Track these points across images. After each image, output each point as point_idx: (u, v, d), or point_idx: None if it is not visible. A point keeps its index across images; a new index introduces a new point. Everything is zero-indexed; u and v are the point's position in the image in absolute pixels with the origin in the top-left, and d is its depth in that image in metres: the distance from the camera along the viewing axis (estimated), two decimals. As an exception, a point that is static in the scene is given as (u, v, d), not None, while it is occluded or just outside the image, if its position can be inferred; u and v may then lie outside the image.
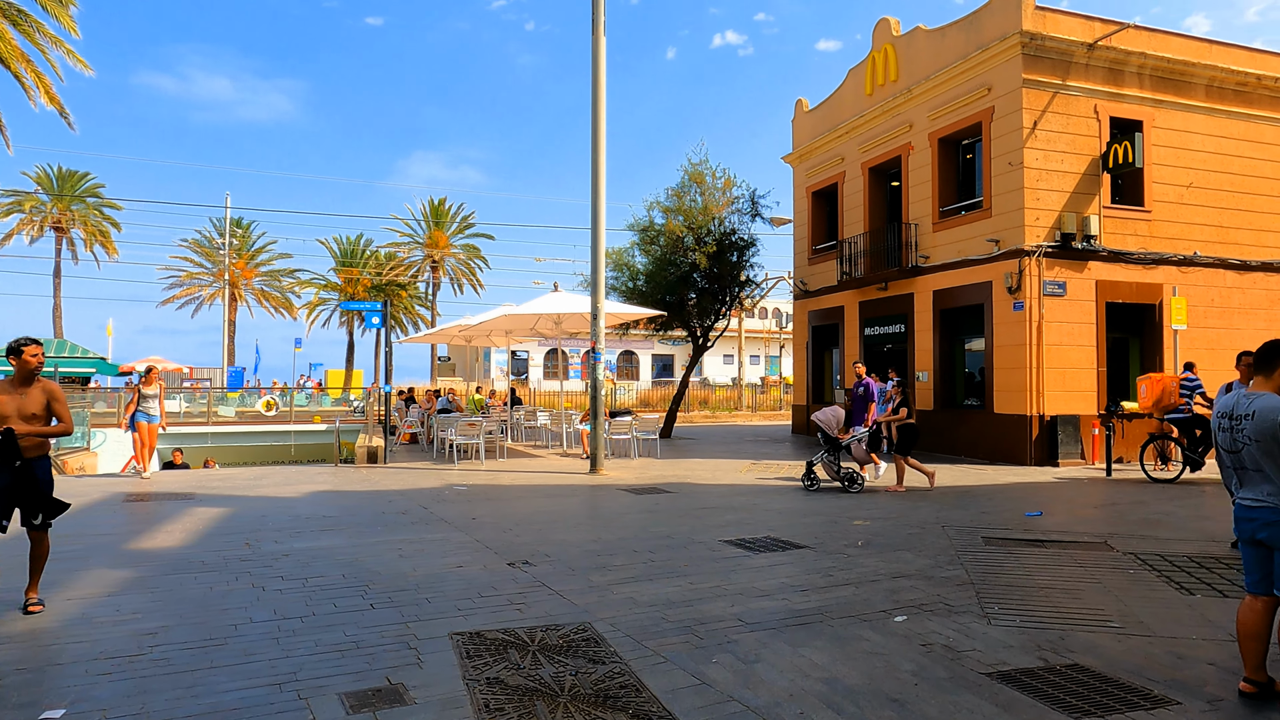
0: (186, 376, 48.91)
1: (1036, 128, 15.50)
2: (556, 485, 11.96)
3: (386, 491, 11.09)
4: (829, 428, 11.70)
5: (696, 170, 20.78)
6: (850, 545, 7.73)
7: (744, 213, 20.97)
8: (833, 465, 11.70)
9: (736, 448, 18.84)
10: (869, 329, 20.02)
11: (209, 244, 52.15)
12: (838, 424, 11.74)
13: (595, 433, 13.26)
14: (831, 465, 11.70)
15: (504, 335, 19.03)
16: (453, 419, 15.25)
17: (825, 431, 11.75)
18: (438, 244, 52.06)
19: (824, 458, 11.73)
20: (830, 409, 11.85)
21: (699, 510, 9.75)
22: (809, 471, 11.69)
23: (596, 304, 13.32)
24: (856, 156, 20.39)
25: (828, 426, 11.71)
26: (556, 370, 53.83)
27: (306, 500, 10.23)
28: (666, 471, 13.72)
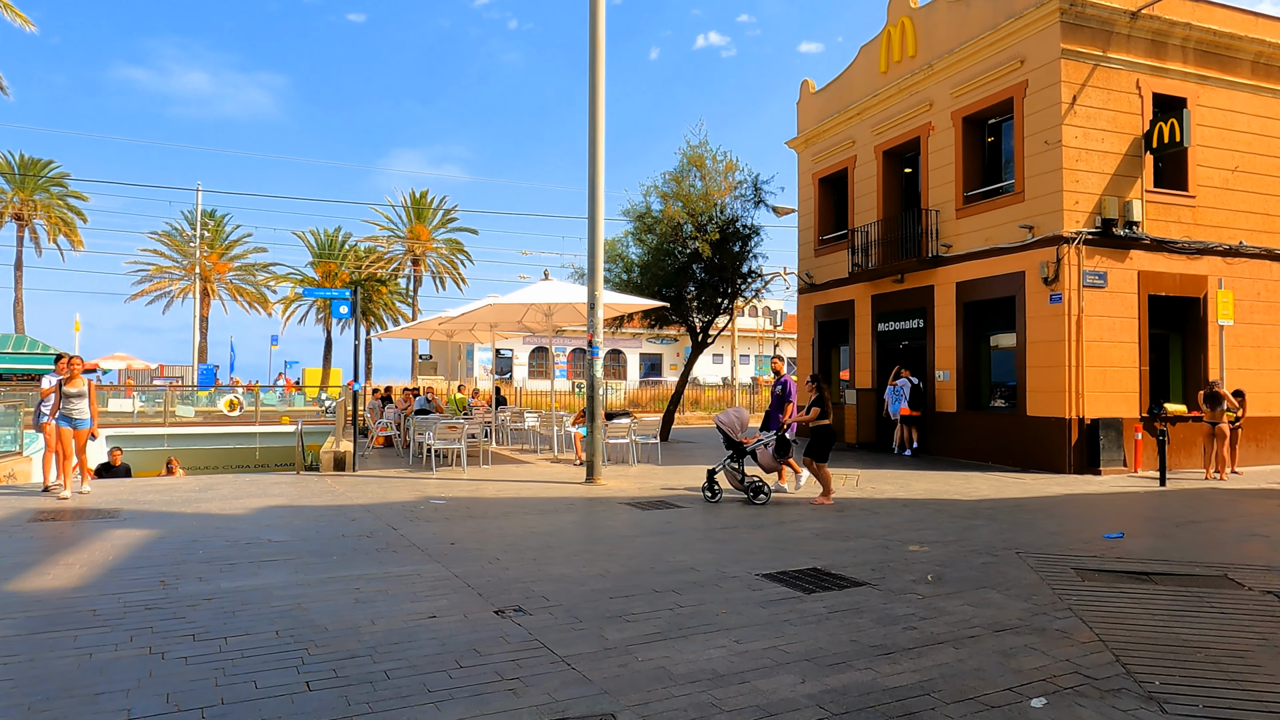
0: (157, 374, 46.96)
1: (1076, 103, 14.13)
2: (549, 498, 10.42)
3: (351, 506, 9.50)
4: (731, 431, 10.37)
5: (695, 153, 19.28)
6: (917, 580, 6.25)
7: (747, 199, 19.50)
8: (736, 473, 10.35)
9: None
10: (882, 325, 18.61)
11: (180, 236, 50.11)
12: (742, 426, 10.43)
13: (593, 437, 11.73)
14: (735, 473, 10.36)
15: (489, 330, 17.46)
16: (431, 421, 13.67)
17: (728, 435, 10.36)
18: (419, 238, 50.29)
19: (726, 464, 10.36)
20: (734, 410, 10.55)
21: (719, 531, 8.24)
22: (710, 481, 10.32)
23: (595, 292, 11.79)
24: (869, 139, 18.97)
25: (730, 429, 10.38)
26: (543, 369, 52.21)
27: (253, 519, 8.63)
28: (671, 480, 12.22)
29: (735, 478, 10.38)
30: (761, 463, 10.66)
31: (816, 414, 10.26)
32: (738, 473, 10.36)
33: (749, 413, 10.84)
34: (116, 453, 13.71)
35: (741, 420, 10.45)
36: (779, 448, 10.69)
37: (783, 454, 10.78)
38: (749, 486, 10.18)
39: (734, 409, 10.53)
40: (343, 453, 12.66)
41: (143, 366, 42.32)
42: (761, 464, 10.68)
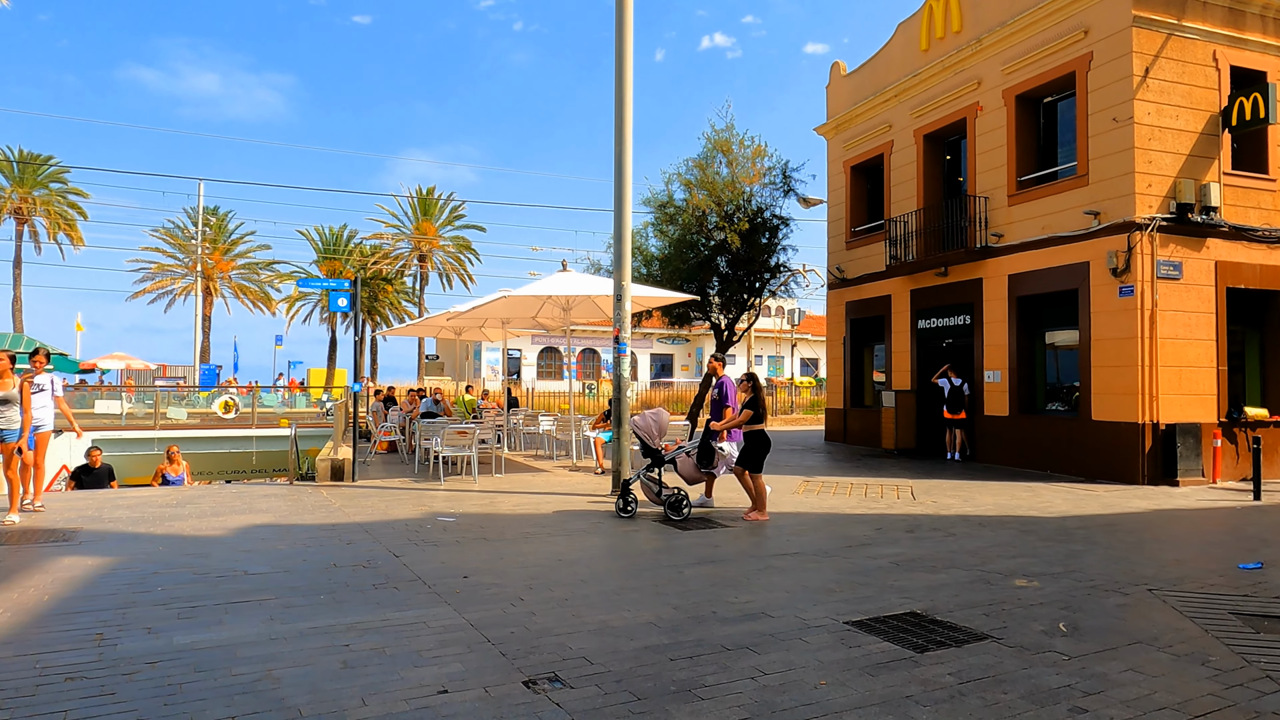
0: (159, 375, 45.89)
1: (1149, 76, 12.81)
2: (572, 514, 9.16)
3: (347, 526, 8.26)
4: (648, 436, 9.12)
5: (721, 137, 18.05)
6: (1049, 631, 4.98)
7: (776, 187, 18.25)
8: (652, 485, 9.09)
9: (771, 458, 15.95)
10: (923, 321, 17.30)
11: (181, 234, 49.03)
12: (660, 431, 9.18)
13: (619, 444, 10.47)
14: (651, 485, 9.10)
15: (500, 327, 16.23)
16: (439, 425, 12.43)
17: (644, 442, 9.15)
18: (426, 235, 49.11)
19: (642, 475, 9.13)
20: (653, 412, 9.25)
21: (778, 558, 6.97)
22: (624, 492, 9.05)
23: (622, 282, 10.53)
24: (908, 122, 17.67)
25: (646, 435, 9.13)
26: (552, 370, 51.03)
27: (232, 542, 7.39)
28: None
29: (651, 490, 9.08)
30: (682, 473, 9.35)
31: (749, 416, 8.99)
32: (654, 484, 9.07)
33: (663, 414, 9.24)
34: (96, 453, 12.48)
35: (660, 424, 9.14)
36: (702, 456, 9.25)
37: (707, 463, 9.30)
38: (667, 500, 8.84)
39: (652, 411, 9.26)
40: (341, 460, 11.43)
41: (142, 366, 41.20)
42: (682, 474, 9.37)
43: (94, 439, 18.19)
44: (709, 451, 9.31)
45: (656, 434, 9.16)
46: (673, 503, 8.85)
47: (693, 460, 9.36)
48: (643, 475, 9.15)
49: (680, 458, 9.37)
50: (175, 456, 12.92)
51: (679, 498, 8.88)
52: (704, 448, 9.30)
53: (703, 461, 9.30)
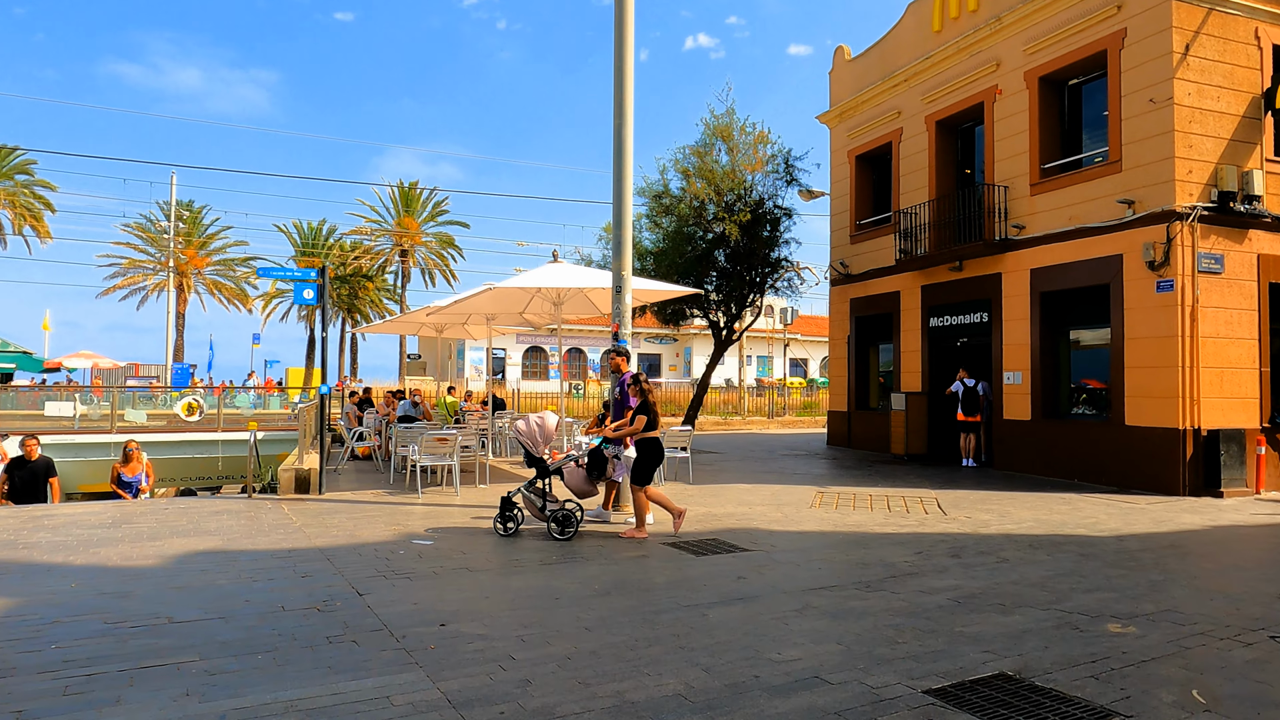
0: (130, 374, 44.29)
1: (1189, 54, 11.86)
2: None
3: (306, 552, 7.09)
4: (531, 443, 8.06)
5: (721, 123, 16.96)
6: (1183, 704, 3.92)
7: (778, 177, 17.19)
8: (535, 499, 8.04)
9: (774, 465, 15.02)
10: (936, 319, 16.30)
11: (154, 228, 47.37)
12: (545, 438, 8.10)
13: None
14: (533, 499, 8.04)
15: (484, 323, 15.05)
16: (417, 432, 11.27)
17: (527, 450, 8.12)
18: (408, 231, 47.74)
19: (523, 488, 8.08)
20: (537, 415, 8.23)
21: (816, 593, 5.88)
22: (506, 506, 8.02)
23: (622, 271, 9.42)
24: (919, 108, 16.67)
25: (529, 442, 8.06)
26: (537, 369, 49.82)
27: (164, 575, 6.21)
28: (716, 508, 9.85)
29: (534, 504, 8.01)
30: (569, 484, 8.25)
31: (643, 424, 7.95)
32: (538, 497, 8.01)
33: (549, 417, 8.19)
34: (31, 443, 10.99)
35: (545, 430, 8.07)
36: (593, 465, 8.15)
37: (598, 473, 8.21)
38: (552, 516, 7.85)
39: (537, 415, 8.22)
40: (306, 471, 10.23)
41: (110, 366, 39.62)
42: (569, 486, 8.27)
43: (44, 444, 16.84)
44: (601, 460, 8.17)
45: (540, 440, 8.06)
46: (558, 519, 7.82)
47: (582, 470, 8.17)
48: (524, 488, 8.03)
49: (568, 467, 8.21)
50: (134, 455, 11.46)
51: (565, 514, 7.85)
52: (595, 455, 8.15)
53: (593, 471, 8.12)
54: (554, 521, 7.84)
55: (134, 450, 11.56)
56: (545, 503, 8.03)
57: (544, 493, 8.05)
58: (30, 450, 11.05)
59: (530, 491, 8.03)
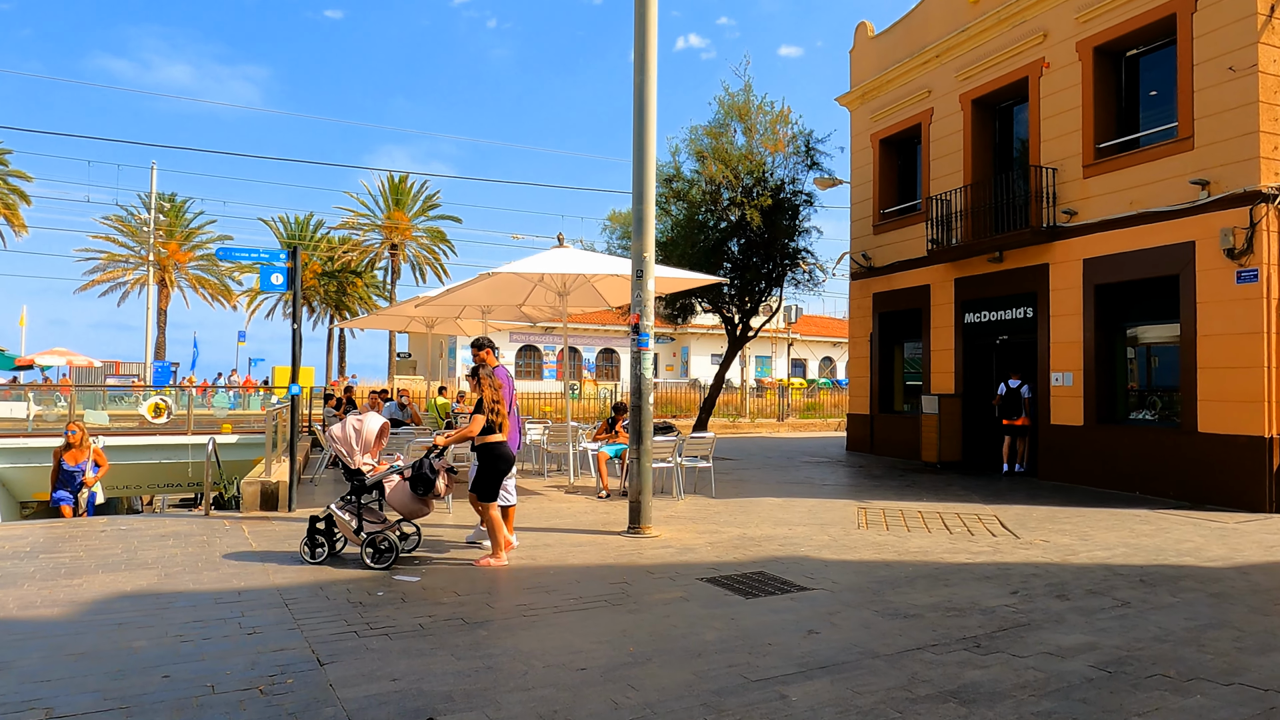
0: (111, 372, 42.64)
1: (1274, 15, 10.57)
2: (583, 568, 6.66)
3: (259, 594, 5.68)
4: (347, 452, 6.76)
5: (738, 101, 15.60)
6: None
7: (800, 160, 15.84)
8: (351, 518, 6.62)
9: (798, 474, 13.67)
10: (971, 315, 14.98)
11: (133, 220, 45.67)
12: (364, 447, 6.79)
13: (639, 465, 7.97)
14: (348, 519, 6.62)
15: (479, 317, 13.66)
16: (403, 437, 9.87)
17: (342, 462, 6.86)
18: (398, 226, 46.21)
19: (334, 506, 6.71)
20: (354, 418, 6.92)
21: (918, 657, 4.52)
22: (313, 529, 6.73)
23: (643, 253, 8.04)
24: (953, 86, 15.35)
25: (346, 449, 6.76)
26: (531, 369, 48.38)
27: (64, 634, 4.79)
28: (750, 528, 8.48)
29: (349, 525, 6.61)
30: (392, 502, 6.81)
31: (480, 425, 6.62)
32: (352, 517, 6.62)
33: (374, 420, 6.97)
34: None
35: (363, 435, 6.76)
36: (416, 480, 6.74)
37: (424, 489, 6.75)
38: (367, 540, 6.51)
39: (355, 418, 6.92)
40: (274, 484, 8.80)
41: (86, 363, 37.95)
42: (393, 505, 6.82)
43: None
44: (424, 477, 6.69)
45: (357, 448, 6.71)
46: (374, 544, 6.48)
47: (407, 485, 6.75)
48: (334, 506, 6.68)
49: (390, 482, 6.76)
50: (79, 440, 9.61)
51: (382, 538, 6.50)
52: (418, 468, 6.72)
53: (418, 487, 6.70)
54: (369, 547, 6.46)
55: (79, 433, 9.69)
56: (362, 523, 6.57)
57: (359, 511, 6.61)
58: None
59: (344, 509, 6.61)
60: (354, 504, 6.61)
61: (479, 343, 7.40)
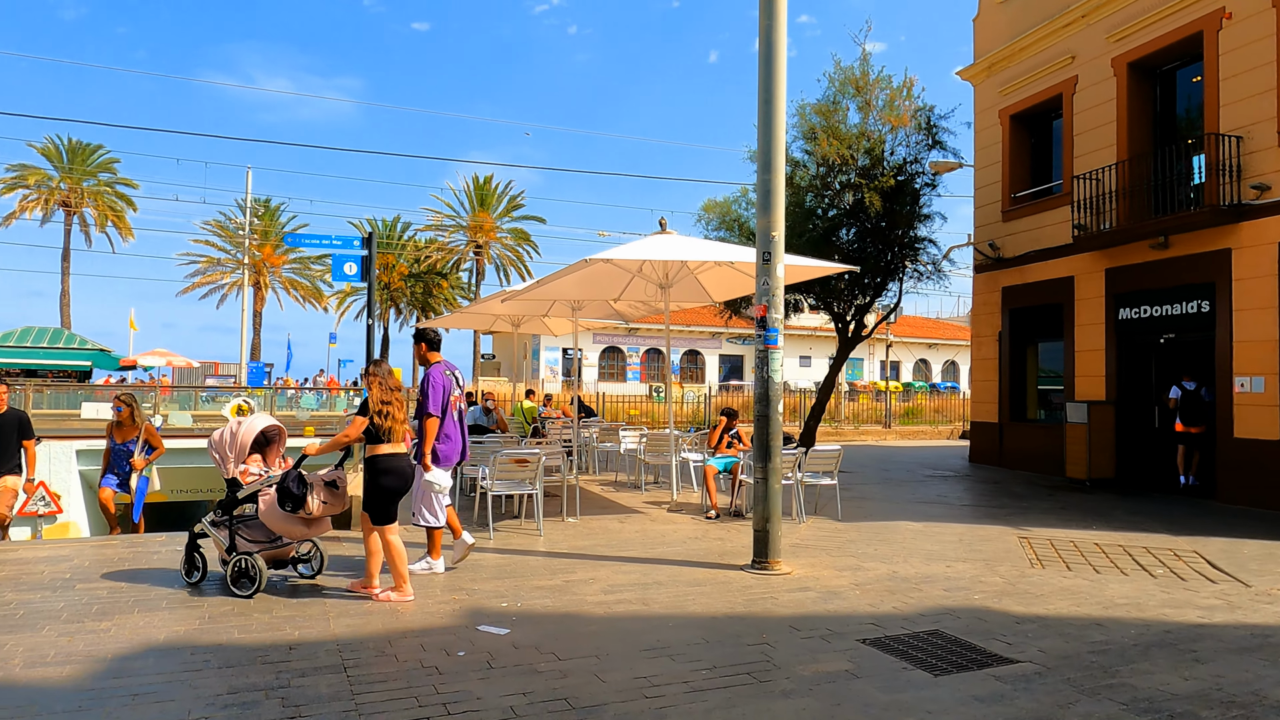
0: (210, 373, 43.80)
1: None
2: (708, 621, 5.37)
3: (311, 649, 4.58)
4: (220, 458, 5.85)
5: (852, 74, 14.04)
6: None
7: (922, 138, 14.17)
8: (222, 537, 5.76)
9: (926, 491, 12.04)
10: (1127, 310, 13.03)
11: (231, 225, 46.86)
12: (237, 450, 5.81)
13: (767, 488, 6.62)
14: (222, 534, 5.76)
15: (569, 315, 12.54)
16: (489, 448, 8.79)
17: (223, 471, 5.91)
18: (482, 227, 46.01)
19: (210, 520, 5.84)
20: (241, 420, 5.98)
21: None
22: (193, 548, 5.89)
23: (771, 231, 6.69)
24: (1102, 49, 13.43)
25: (218, 456, 5.86)
26: (615, 371, 47.44)
27: (62, 709, 3.77)
28: (898, 564, 7.02)
29: (221, 543, 5.74)
30: (265, 520, 5.77)
31: (358, 429, 5.59)
32: (225, 535, 5.73)
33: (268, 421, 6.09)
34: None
35: (239, 440, 5.77)
36: (283, 496, 5.61)
37: (291, 506, 5.59)
38: (233, 563, 5.67)
39: (246, 418, 6.06)
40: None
41: (184, 364, 38.92)
42: (265, 522, 5.77)
43: (77, 449, 15.15)
44: (290, 490, 5.58)
45: (230, 454, 5.78)
46: (236, 569, 5.65)
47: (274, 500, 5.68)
48: (206, 520, 5.83)
49: (264, 495, 5.72)
50: (128, 415, 8.26)
51: (243, 564, 5.63)
52: (283, 481, 5.62)
53: (284, 503, 5.60)
54: (232, 569, 5.65)
55: (124, 409, 8.31)
56: (235, 541, 5.69)
57: (231, 527, 5.70)
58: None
59: (216, 525, 5.77)
60: (227, 519, 5.73)
61: (420, 334, 6.45)
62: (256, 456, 6.05)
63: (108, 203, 44.76)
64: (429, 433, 6.12)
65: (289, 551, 6.03)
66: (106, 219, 44.67)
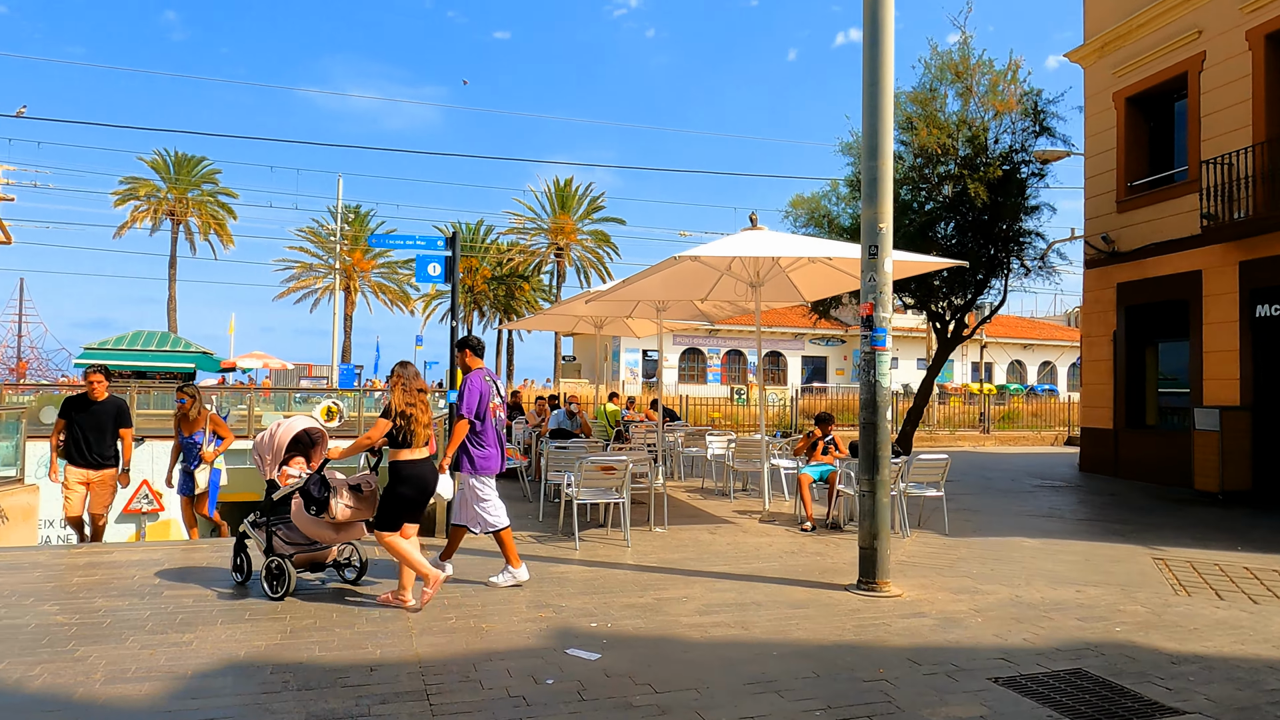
0: (304, 374, 45.34)
1: None
2: (815, 650, 4.90)
3: (395, 670, 4.34)
4: (258, 460, 5.81)
5: (951, 60, 13.25)
6: None
7: (1030, 124, 13.25)
8: (260, 537, 5.76)
9: (1037, 503, 11.19)
10: (1264, 307, 11.85)
11: (323, 232, 48.43)
12: (273, 454, 5.74)
13: (875, 502, 6.09)
14: (260, 536, 5.78)
15: (654, 314, 12.19)
16: (573, 454, 8.50)
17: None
18: (563, 229, 46.24)
19: (250, 521, 5.91)
20: (279, 423, 5.86)
21: None
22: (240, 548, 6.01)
23: (879, 223, 6.17)
24: (1234, 21, 12.28)
25: (257, 457, 5.81)
26: (695, 373, 46.93)
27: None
28: (1020, 587, 6.38)
29: (260, 545, 5.78)
30: (297, 523, 5.70)
31: (380, 432, 5.40)
32: (263, 535, 5.72)
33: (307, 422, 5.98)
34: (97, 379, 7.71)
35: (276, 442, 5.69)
36: (308, 499, 5.58)
37: (315, 509, 5.52)
38: (266, 566, 5.67)
39: (278, 423, 5.90)
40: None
41: (280, 366, 40.32)
42: (298, 526, 5.70)
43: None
44: (313, 493, 5.54)
45: (267, 456, 5.74)
46: (270, 571, 5.64)
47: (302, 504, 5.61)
48: (248, 521, 5.91)
49: (295, 499, 5.67)
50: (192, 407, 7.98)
51: (277, 566, 5.59)
52: (308, 485, 5.56)
53: (309, 507, 5.56)
54: (265, 570, 5.67)
55: (188, 401, 8.00)
56: (270, 543, 5.67)
57: (270, 529, 5.68)
58: (95, 388, 7.73)
59: (256, 525, 5.83)
60: (265, 521, 5.73)
61: (463, 341, 6.26)
62: (300, 459, 6.04)
63: (210, 212, 46.84)
64: (456, 434, 5.98)
65: (327, 555, 5.98)
66: (209, 227, 46.74)
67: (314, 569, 5.99)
